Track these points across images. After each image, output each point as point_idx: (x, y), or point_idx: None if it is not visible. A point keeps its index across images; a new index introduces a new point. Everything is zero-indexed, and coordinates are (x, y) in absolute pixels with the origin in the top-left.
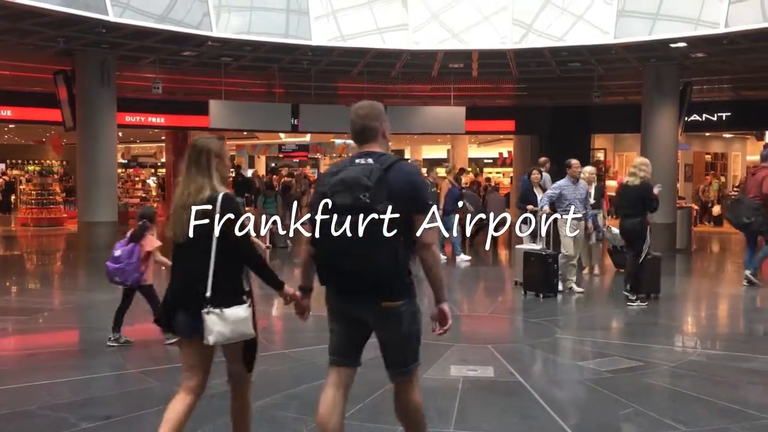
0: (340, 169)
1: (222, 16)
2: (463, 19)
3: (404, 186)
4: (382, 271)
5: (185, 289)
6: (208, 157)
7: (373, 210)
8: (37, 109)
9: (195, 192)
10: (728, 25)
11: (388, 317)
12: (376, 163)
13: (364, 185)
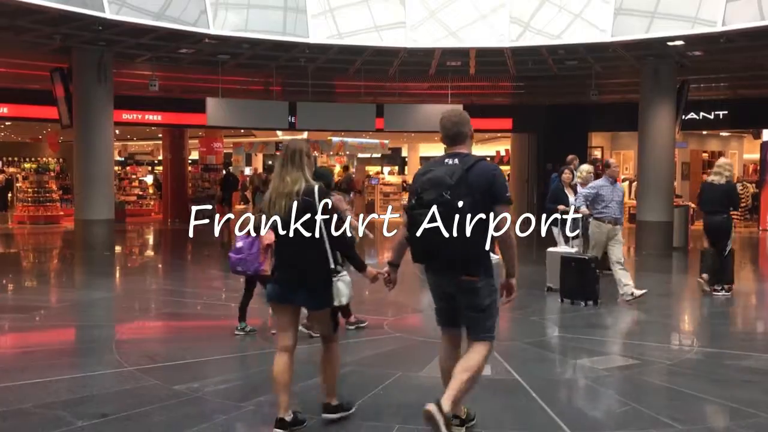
0: (430, 169)
1: (219, 13)
2: (460, 17)
3: (484, 182)
4: (461, 253)
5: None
6: (300, 156)
7: (453, 204)
8: (34, 107)
9: (292, 183)
10: (725, 24)
11: (467, 290)
12: (459, 163)
13: (446, 184)
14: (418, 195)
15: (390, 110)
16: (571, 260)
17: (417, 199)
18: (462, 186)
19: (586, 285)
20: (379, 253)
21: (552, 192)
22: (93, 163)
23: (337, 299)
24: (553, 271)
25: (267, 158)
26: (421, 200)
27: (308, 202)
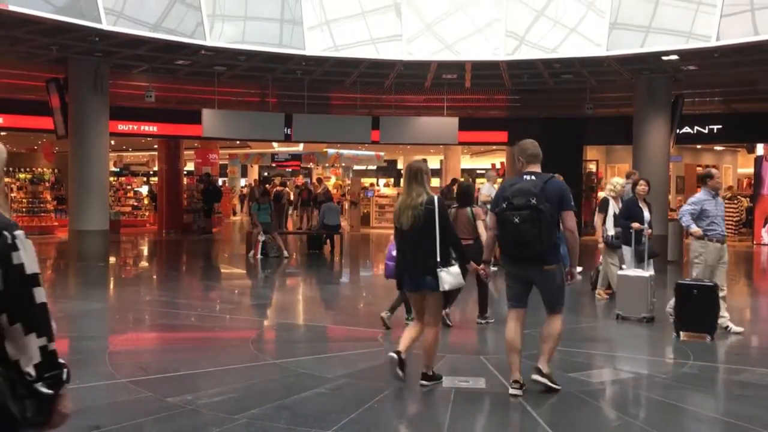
0: (516, 182)
1: (216, 25)
2: (456, 31)
3: (557, 193)
4: (543, 246)
5: (416, 260)
6: (422, 174)
7: (538, 208)
8: (29, 117)
9: (416, 196)
10: (720, 39)
11: (546, 276)
12: (537, 179)
13: (533, 192)
14: (509, 201)
15: (386, 122)
16: (692, 287)
17: (508, 203)
18: (542, 195)
19: (706, 315)
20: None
21: (625, 206)
22: (88, 174)
23: (441, 285)
24: (628, 297)
25: (263, 169)
26: (512, 204)
27: (430, 209)
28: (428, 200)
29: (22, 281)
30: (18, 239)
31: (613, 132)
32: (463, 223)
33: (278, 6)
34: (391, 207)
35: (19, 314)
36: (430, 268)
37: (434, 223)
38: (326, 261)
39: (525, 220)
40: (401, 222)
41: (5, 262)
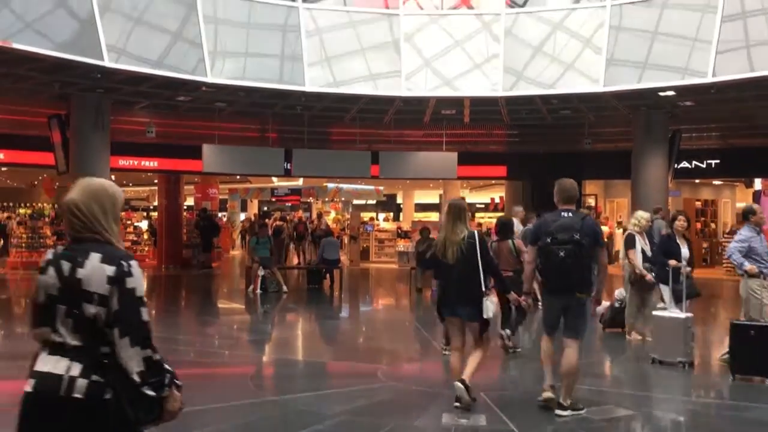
0: (557, 218)
1: (217, 61)
2: (455, 67)
3: (592, 230)
4: (581, 276)
5: (460, 290)
6: (463, 212)
7: (580, 243)
8: (31, 153)
9: (458, 232)
10: (716, 75)
11: (578, 302)
12: (576, 216)
13: (575, 228)
14: (553, 236)
15: (385, 157)
16: (749, 327)
17: (552, 238)
18: (583, 231)
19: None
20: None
21: (661, 242)
22: None
23: (485, 313)
24: (664, 340)
25: (262, 204)
26: (557, 239)
27: (471, 243)
28: (469, 235)
29: (132, 302)
30: (132, 267)
31: (611, 166)
32: (504, 255)
33: (279, 43)
34: (390, 241)
35: (128, 329)
36: (475, 298)
37: (476, 256)
38: (326, 296)
39: (569, 253)
40: (446, 256)
41: (121, 285)
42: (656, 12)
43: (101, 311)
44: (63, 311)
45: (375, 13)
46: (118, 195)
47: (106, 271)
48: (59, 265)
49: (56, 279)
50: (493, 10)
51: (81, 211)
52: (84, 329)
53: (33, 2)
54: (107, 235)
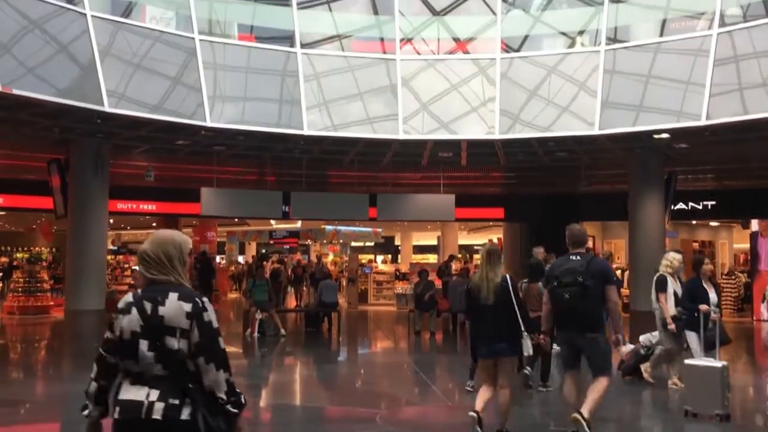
0: (564, 263)
1: (216, 106)
2: (452, 110)
3: (599, 271)
4: (588, 316)
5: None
6: (497, 256)
7: (584, 285)
8: (29, 197)
9: (494, 276)
10: (710, 118)
11: (590, 342)
12: (582, 259)
13: (579, 271)
14: (559, 279)
15: (383, 200)
16: None
17: (558, 282)
18: (587, 273)
19: None
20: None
21: (689, 288)
22: (86, 254)
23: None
24: (698, 391)
25: (261, 246)
26: (562, 282)
27: (505, 286)
28: (503, 278)
29: (212, 333)
30: (205, 303)
31: (608, 208)
32: (533, 296)
33: (277, 87)
34: (388, 284)
35: (211, 356)
36: (513, 336)
37: (510, 297)
38: (324, 339)
39: (573, 295)
40: (482, 297)
41: (199, 319)
42: (649, 56)
43: (183, 343)
44: (146, 345)
45: (372, 58)
46: (184, 243)
47: (185, 308)
48: (141, 305)
49: (139, 318)
50: (489, 54)
51: (151, 258)
52: (165, 360)
53: (34, 48)
54: (178, 277)
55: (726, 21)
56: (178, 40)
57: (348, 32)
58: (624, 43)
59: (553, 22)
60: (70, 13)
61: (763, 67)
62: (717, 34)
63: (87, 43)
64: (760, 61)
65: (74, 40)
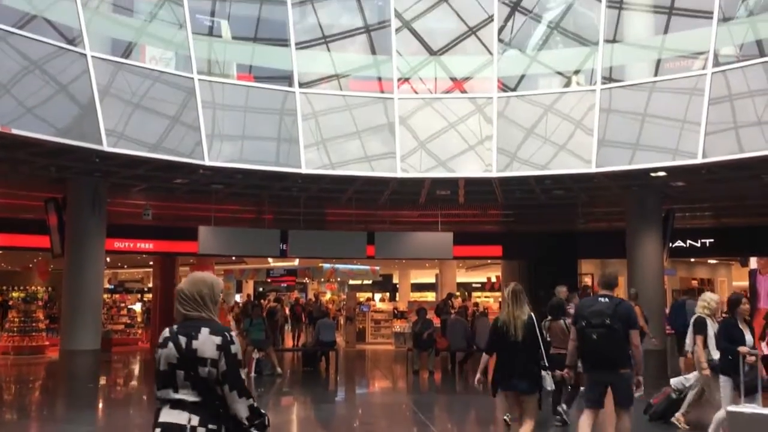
0: (592, 303)
1: (214, 144)
2: (449, 148)
3: (625, 314)
4: (617, 355)
5: (521, 365)
6: (522, 295)
7: (611, 327)
8: (26, 236)
9: (520, 314)
10: (706, 156)
11: (622, 377)
12: (611, 302)
13: (607, 314)
14: (588, 320)
15: (381, 238)
16: None
17: (587, 322)
18: (615, 316)
19: None
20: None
21: (725, 328)
22: (82, 293)
23: (547, 386)
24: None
25: (258, 285)
26: (591, 323)
27: (530, 323)
28: (529, 316)
29: (236, 363)
30: (232, 337)
31: (606, 245)
32: (557, 333)
33: (275, 126)
34: (387, 322)
35: (235, 384)
36: (535, 372)
37: (535, 334)
38: (322, 378)
39: (601, 336)
40: (510, 334)
41: (227, 351)
42: (645, 95)
43: (213, 371)
44: (182, 375)
45: (370, 97)
46: (216, 284)
47: (215, 341)
48: (177, 339)
49: (175, 351)
50: (486, 93)
51: (187, 297)
52: (199, 387)
53: (34, 88)
54: (209, 314)
55: (720, 60)
56: (177, 79)
57: (346, 71)
58: (619, 82)
59: (549, 61)
60: (70, 54)
61: (758, 106)
62: (711, 74)
63: (87, 83)
64: (754, 100)
65: (74, 80)
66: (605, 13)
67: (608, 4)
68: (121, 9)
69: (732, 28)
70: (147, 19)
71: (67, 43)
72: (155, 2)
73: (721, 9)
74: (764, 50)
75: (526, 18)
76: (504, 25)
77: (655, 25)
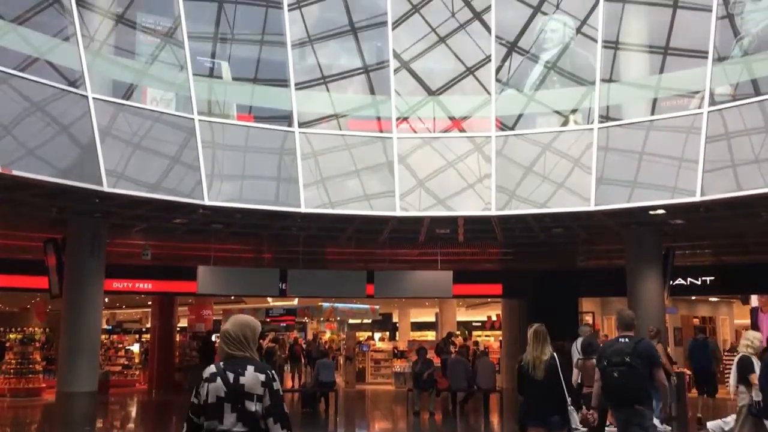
0: (613, 344)
1: (214, 184)
2: (448, 186)
3: (646, 353)
4: (636, 393)
5: (546, 403)
6: (545, 336)
7: (631, 365)
8: (25, 277)
9: (541, 354)
10: (704, 194)
11: (637, 414)
12: (630, 341)
13: (626, 353)
14: (609, 359)
15: (380, 276)
16: None
17: (608, 361)
18: (635, 354)
19: None
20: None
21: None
22: (80, 334)
23: (573, 423)
24: None
25: None
26: (611, 362)
27: (553, 363)
28: (551, 356)
29: (279, 399)
30: (274, 374)
31: (607, 283)
32: (589, 372)
33: (275, 165)
34: (386, 362)
35: (279, 418)
36: (561, 409)
37: (557, 373)
38: (321, 420)
39: (621, 374)
40: (535, 373)
41: (271, 388)
42: (642, 133)
43: (258, 406)
44: (229, 407)
45: (369, 136)
46: (257, 327)
47: (260, 378)
48: (225, 375)
49: (223, 385)
50: (484, 132)
51: (232, 338)
52: (245, 419)
53: (35, 129)
54: (252, 353)
55: (716, 99)
56: (178, 120)
57: (345, 111)
58: (617, 121)
59: (546, 100)
60: (71, 96)
61: (755, 144)
62: (708, 112)
63: (88, 124)
64: (751, 138)
65: (75, 121)
66: (601, 53)
67: (604, 45)
68: (123, 51)
69: (727, 68)
70: (148, 61)
71: (69, 84)
72: (156, 44)
73: (716, 49)
74: (759, 89)
75: (523, 58)
76: (501, 65)
77: (651, 64)
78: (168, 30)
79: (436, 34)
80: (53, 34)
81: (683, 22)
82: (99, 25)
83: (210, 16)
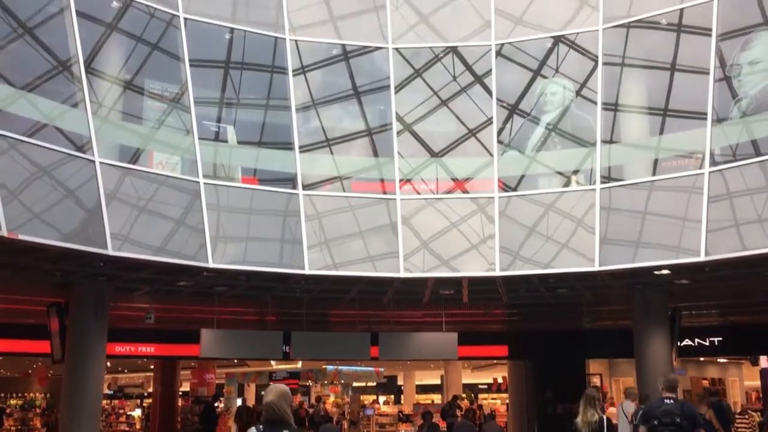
0: (660, 405)
1: (218, 246)
2: (451, 247)
3: (691, 414)
4: None
5: None
6: (596, 400)
7: (681, 426)
8: (27, 341)
9: (590, 416)
10: (708, 254)
11: None
12: (676, 403)
13: (676, 413)
14: (659, 419)
15: (385, 339)
16: None
17: (659, 421)
18: (683, 415)
19: None
20: None
21: None
22: (81, 400)
23: None
24: None
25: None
26: (662, 422)
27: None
28: (600, 419)
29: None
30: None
31: (614, 345)
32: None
33: (279, 227)
34: (391, 426)
35: None
36: None
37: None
38: None
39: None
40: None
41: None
42: (644, 193)
43: None
44: None
45: (373, 198)
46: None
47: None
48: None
49: None
50: (487, 193)
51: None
52: None
53: (41, 194)
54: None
55: (716, 159)
56: (183, 183)
57: (348, 173)
58: (619, 182)
59: (548, 161)
60: (78, 160)
61: (757, 204)
62: (709, 173)
63: (94, 188)
64: (753, 198)
65: (81, 185)
66: (601, 115)
67: (604, 107)
68: (130, 116)
69: (726, 129)
70: (155, 125)
71: (76, 149)
72: (163, 110)
73: (715, 110)
74: (759, 149)
75: (524, 120)
76: (503, 127)
77: (651, 125)
78: (175, 95)
79: (438, 97)
80: (62, 100)
81: (681, 84)
82: (107, 92)
83: (216, 82)
